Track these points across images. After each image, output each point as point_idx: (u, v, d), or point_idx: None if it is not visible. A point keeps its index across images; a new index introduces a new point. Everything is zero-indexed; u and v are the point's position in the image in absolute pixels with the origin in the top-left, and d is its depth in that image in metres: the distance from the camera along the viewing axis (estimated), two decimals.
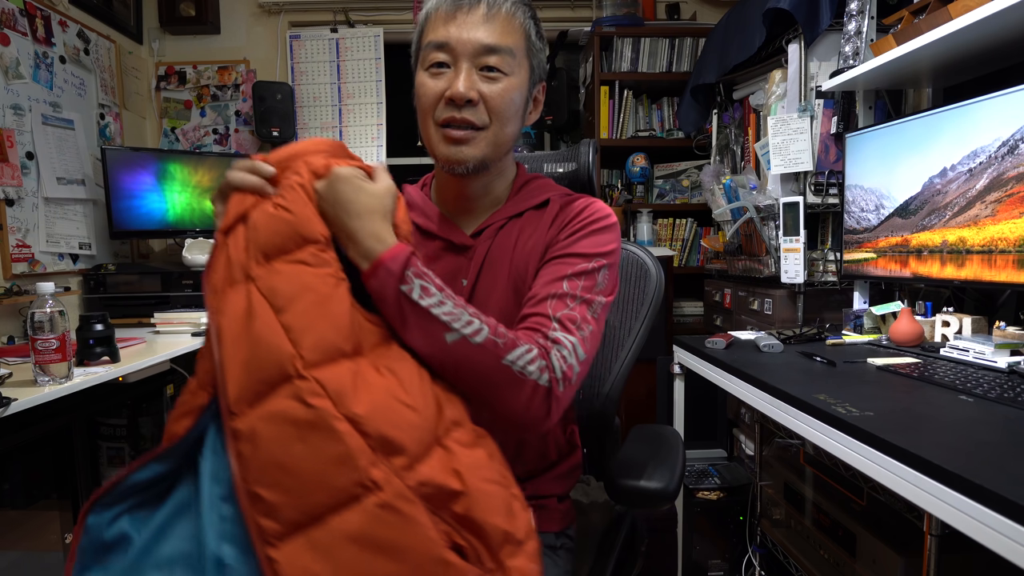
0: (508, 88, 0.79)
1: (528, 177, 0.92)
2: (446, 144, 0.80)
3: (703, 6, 2.93)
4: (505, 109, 0.80)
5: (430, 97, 0.79)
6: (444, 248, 0.88)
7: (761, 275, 1.95)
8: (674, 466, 0.90)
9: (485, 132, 0.80)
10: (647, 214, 2.72)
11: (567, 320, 0.75)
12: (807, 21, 1.68)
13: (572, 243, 0.81)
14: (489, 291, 0.84)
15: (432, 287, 0.68)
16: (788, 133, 1.74)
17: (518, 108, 0.82)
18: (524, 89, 0.82)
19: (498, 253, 0.85)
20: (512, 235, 0.86)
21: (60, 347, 1.36)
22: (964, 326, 1.32)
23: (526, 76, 0.83)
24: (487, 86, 0.78)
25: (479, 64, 0.78)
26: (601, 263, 0.80)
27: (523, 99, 0.83)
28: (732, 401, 2.08)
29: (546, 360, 0.70)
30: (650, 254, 1.15)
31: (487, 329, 0.68)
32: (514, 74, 0.80)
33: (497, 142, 0.81)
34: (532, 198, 0.88)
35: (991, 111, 1.21)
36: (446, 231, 0.88)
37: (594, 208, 0.85)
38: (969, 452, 0.75)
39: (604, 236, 0.82)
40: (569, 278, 0.78)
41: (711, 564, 1.83)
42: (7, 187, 1.98)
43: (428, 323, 0.67)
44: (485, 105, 0.78)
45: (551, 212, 0.86)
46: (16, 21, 2.03)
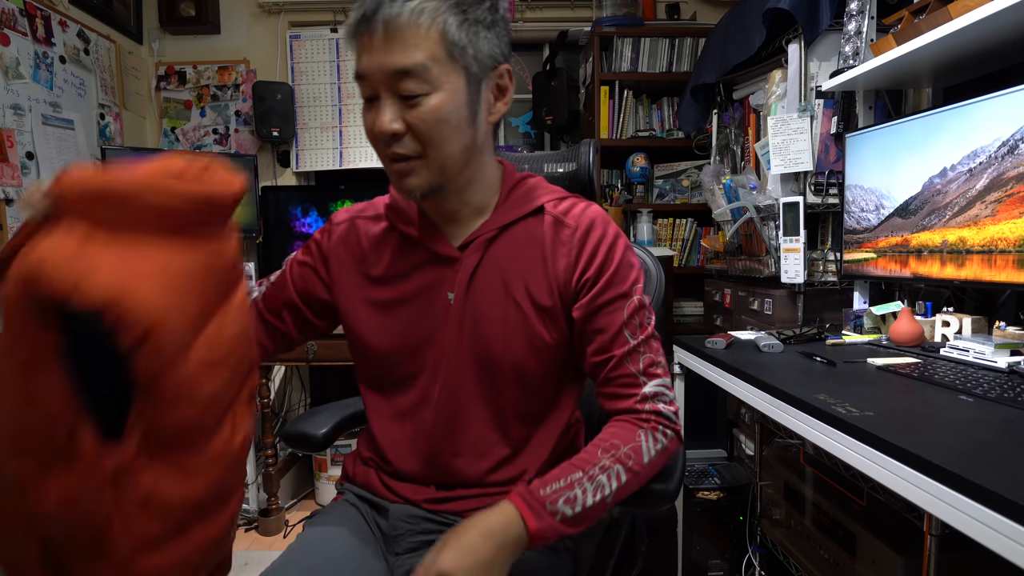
0: (435, 108, 0.72)
1: (516, 178, 0.87)
2: (393, 177, 0.77)
3: (703, 6, 2.93)
4: (435, 132, 0.73)
5: (369, 134, 0.76)
6: (429, 258, 0.84)
7: (761, 275, 1.95)
8: (674, 466, 0.90)
9: (423, 160, 0.75)
10: (647, 214, 2.72)
11: (648, 366, 0.80)
12: (807, 21, 1.68)
13: (609, 283, 0.80)
14: (481, 306, 0.81)
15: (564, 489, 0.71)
16: (788, 133, 1.74)
17: (458, 121, 0.74)
18: (461, 97, 0.74)
19: (490, 268, 0.82)
20: (505, 248, 0.82)
21: None
22: (964, 326, 1.32)
23: (460, 81, 0.73)
24: (410, 113, 0.72)
25: (398, 91, 0.71)
26: (639, 288, 0.82)
27: (463, 107, 0.74)
28: (732, 401, 2.08)
29: (657, 426, 0.79)
30: (650, 254, 1.15)
31: (619, 467, 0.74)
32: (441, 87, 0.72)
33: (441, 166, 0.75)
34: (523, 205, 0.84)
35: (991, 111, 1.21)
36: (431, 241, 0.84)
37: (600, 229, 0.82)
38: (969, 452, 0.75)
39: (626, 256, 0.82)
40: (628, 324, 0.80)
41: (711, 564, 1.82)
42: (7, 187, 1.98)
43: (595, 512, 0.73)
44: (413, 133, 0.73)
45: (547, 226, 0.82)
46: (16, 21, 2.03)
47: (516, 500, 0.70)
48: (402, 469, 0.87)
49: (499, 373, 0.82)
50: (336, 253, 0.90)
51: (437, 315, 0.82)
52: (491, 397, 0.83)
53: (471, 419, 0.83)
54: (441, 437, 0.84)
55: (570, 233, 0.81)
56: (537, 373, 0.82)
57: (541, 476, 0.74)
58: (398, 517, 0.85)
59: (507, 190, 0.85)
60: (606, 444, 0.76)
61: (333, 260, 0.90)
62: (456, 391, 0.83)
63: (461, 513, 0.83)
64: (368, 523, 0.89)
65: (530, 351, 0.81)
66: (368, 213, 0.91)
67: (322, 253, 0.92)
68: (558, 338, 0.82)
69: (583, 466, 0.74)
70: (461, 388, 0.83)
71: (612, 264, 0.80)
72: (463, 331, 0.82)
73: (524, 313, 0.80)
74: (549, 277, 0.80)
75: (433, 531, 0.83)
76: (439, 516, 0.85)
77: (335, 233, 0.91)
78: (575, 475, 0.73)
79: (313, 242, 0.93)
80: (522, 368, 0.81)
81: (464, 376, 0.82)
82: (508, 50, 0.79)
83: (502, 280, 0.81)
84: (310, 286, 0.91)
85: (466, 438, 0.83)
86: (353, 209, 0.94)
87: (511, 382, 0.82)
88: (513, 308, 0.80)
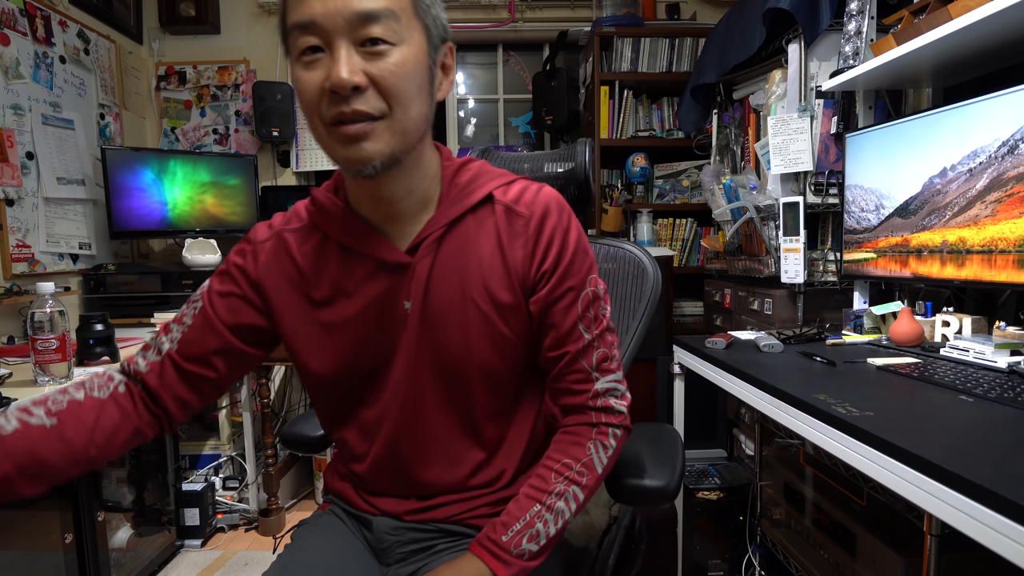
0: (402, 61, 0.64)
1: (456, 164, 0.79)
2: (343, 145, 0.66)
3: (703, 6, 2.93)
4: (403, 87, 0.65)
5: (310, 93, 0.65)
6: (375, 268, 0.75)
7: (761, 275, 1.95)
8: (675, 464, 0.90)
9: (385, 121, 0.66)
10: (647, 214, 2.72)
11: (602, 361, 0.78)
12: (807, 21, 1.68)
13: (565, 274, 0.75)
14: (441, 311, 0.74)
15: (525, 528, 0.71)
16: (788, 133, 1.74)
17: (420, 82, 0.67)
18: (423, 58, 0.67)
19: (445, 270, 0.74)
20: (457, 246, 0.75)
21: (60, 347, 1.36)
22: (964, 326, 1.32)
23: (422, 40, 0.67)
24: (374, 64, 0.64)
25: (358, 39, 0.63)
26: (593, 278, 0.78)
27: (425, 70, 0.68)
28: (732, 401, 2.08)
29: (607, 428, 0.78)
30: (647, 253, 1.15)
31: (574, 488, 0.74)
32: (405, 41, 0.65)
33: (404, 129, 0.67)
34: (469, 195, 0.76)
35: (991, 111, 1.21)
36: (374, 248, 0.74)
37: (555, 216, 0.75)
38: (969, 452, 0.75)
39: (580, 247, 0.76)
40: (582, 318, 0.76)
41: (711, 564, 1.83)
42: (7, 187, 1.98)
43: (557, 537, 0.73)
44: (377, 88, 0.64)
45: (499, 216, 0.75)
46: (16, 21, 2.03)
47: (482, 553, 0.70)
48: (378, 486, 0.84)
49: (465, 378, 0.77)
50: (268, 276, 0.79)
51: (395, 327, 0.75)
52: (459, 404, 0.78)
53: (440, 429, 0.79)
54: (411, 452, 0.79)
55: (524, 223, 0.74)
56: (504, 372, 0.78)
57: (503, 514, 0.74)
58: (382, 530, 0.83)
59: (449, 178, 0.77)
60: (558, 465, 0.75)
61: (267, 285, 0.79)
62: (422, 403, 0.78)
63: (445, 519, 0.81)
64: (355, 534, 0.87)
65: (495, 352, 0.76)
66: (294, 225, 0.80)
67: (249, 279, 0.79)
68: (522, 333, 0.77)
69: (539, 496, 0.73)
70: (426, 399, 0.78)
71: (567, 254, 0.75)
72: (423, 340, 0.75)
73: (485, 313, 0.74)
74: (508, 272, 0.74)
75: (421, 539, 0.82)
76: (424, 525, 0.82)
77: (262, 253, 0.79)
78: (533, 509, 0.72)
79: (234, 267, 0.80)
80: (488, 369, 0.76)
81: (428, 386, 0.77)
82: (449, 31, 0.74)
83: (459, 281, 0.74)
84: (243, 318, 0.79)
85: (438, 449, 0.79)
86: (275, 223, 0.82)
87: (479, 386, 0.77)
88: (473, 309, 0.74)
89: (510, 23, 2.98)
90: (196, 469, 2.45)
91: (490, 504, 0.81)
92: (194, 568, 2.05)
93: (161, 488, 2.06)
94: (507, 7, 2.97)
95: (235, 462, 2.52)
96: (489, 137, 3.31)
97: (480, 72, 3.27)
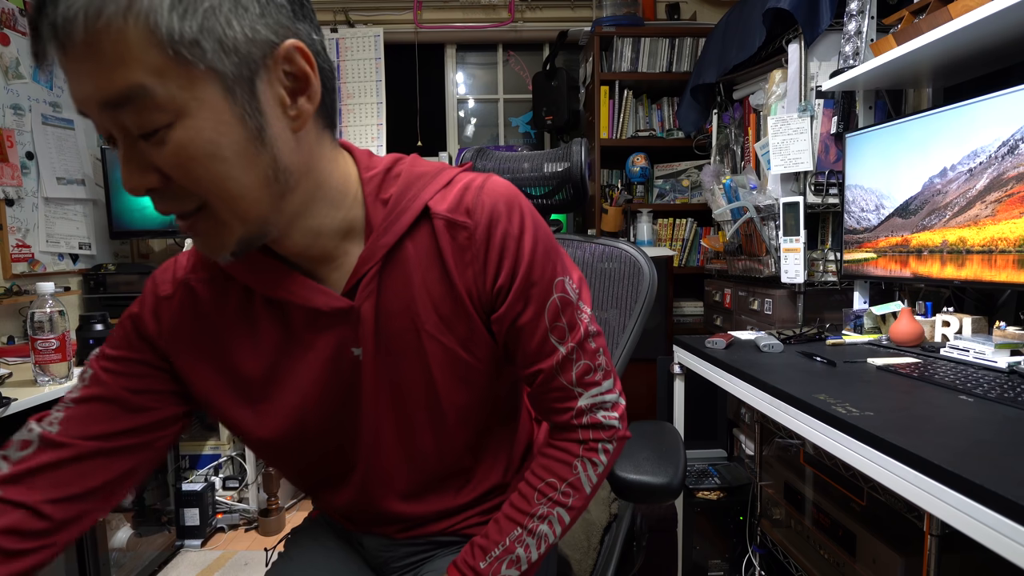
0: (186, 141, 0.49)
1: (379, 172, 0.64)
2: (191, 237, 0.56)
3: (703, 6, 2.93)
4: (202, 173, 0.50)
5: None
6: (311, 318, 0.63)
7: (761, 275, 1.95)
8: (677, 461, 0.90)
9: (205, 212, 0.53)
10: (647, 214, 2.72)
11: (583, 375, 0.68)
12: (807, 21, 1.68)
13: (525, 285, 0.63)
14: (398, 353, 0.65)
15: (504, 554, 0.67)
16: (788, 133, 1.74)
17: (231, 150, 0.50)
18: (222, 117, 0.50)
19: (392, 307, 0.63)
20: (400, 277, 0.63)
21: (60, 347, 1.36)
22: (964, 326, 1.32)
23: (214, 93, 0.49)
24: (158, 156, 0.49)
25: (124, 130, 0.49)
26: (560, 280, 0.66)
27: (235, 126, 0.50)
28: (732, 401, 2.08)
29: (596, 444, 0.70)
30: (643, 252, 1.15)
31: (559, 510, 0.69)
32: (185, 112, 0.48)
33: (235, 213, 0.53)
34: (402, 214, 0.62)
35: (991, 111, 1.21)
36: (306, 296, 0.62)
37: (503, 221, 0.62)
38: (969, 452, 0.75)
39: (539, 249, 0.64)
40: (553, 329, 0.65)
41: (711, 564, 1.83)
42: (7, 187, 1.98)
43: (540, 560, 0.69)
44: (174, 184, 0.51)
45: (441, 235, 0.63)
46: (16, 21, 2.03)
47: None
48: (361, 520, 0.79)
49: (434, 416, 0.68)
50: (178, 341, 0.65)
51: (347, 378, 0.65)
52: (431, 443, 0.70)
53: (415, 471, 0.72)
54: (387, 495, 0.73)
55: (468, 235, 0.62)
56: (474, 403, 0.70)
57: (482, 536, 0.69)
58: (374, 548, 0.80)
59: (373, 194, 0.63)
60: (542, 484, 0.69)
61: (174, 352, 0.65)
62: (390, 449, 0.70)
63: (436, 534, 0.78)
64: (347, 544, 0.84)
65: (461, 384, 0.67)
66: (202, 274, 0.66)
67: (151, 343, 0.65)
68: (487, 358, 0.68)
69: (521, 519, 0.68)
70: (394, 445, 0.70)
71: (523, 263, 0.63)
72: (381, 386, 0.66)
73: (444, 345, 0.65)
74: (460, 297, 0.64)
75: (415, 552, 0.79)
76: (416, 540, 0.79)
77: (165, 312, 0.65)
78: (514, 533, 0.67)
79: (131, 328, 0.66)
80: (456, 403, 0.68)
81: (393, 432, 0.69)
82: (293, 20, 0.53)
83: (410, 315, 0.64)
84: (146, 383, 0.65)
85: (414, 488, 0.73)
86: (178, 269, 0.67)
87: (450, 420, 0.69)
88: (431, 343, 0.65)
89: (510, 23, 2.98)
90: (196, 469, 2.45)
91: (483, 512, 0.78)
92: (194, 568, 2.05)
93: (161, 488, 2.06)
94: (507, 7, 2.97)
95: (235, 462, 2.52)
96: (489, 137, 3.31)
97: (480, 72, 3.27)
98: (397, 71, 2.98)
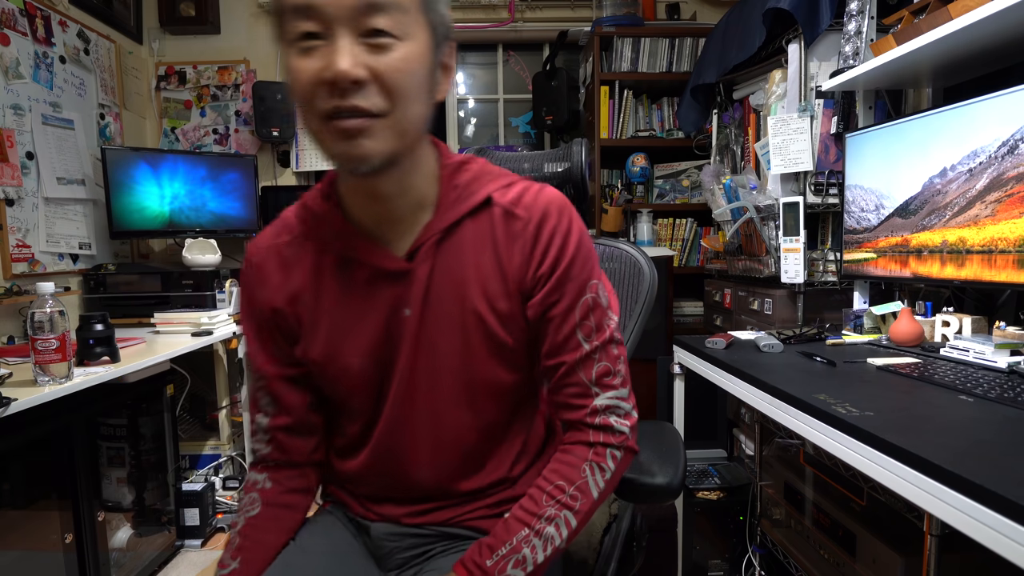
0: (406, 57, 0.61)
1: (455, 163, 0.75)
2: (338, 139, 0.62)
3: (703, 6, 2.93)
4: (406, 85, 0.61)
5: (304, 83, 0.60)
6: (374, 275, 0.73)
7: (761, 275, 1.95)
8: (677, 461, 0.90)
9: (385, 119, 0.62)
10: (647, 214, 2.72)
11: (603, 375, 0.73)
12: (807, 21, 1.68)
13: (563, 279, 0.71)
14: (443, 320, 0.72)
15: (511, 553, 0.68)
16: (788, 133, 1.74)
17: (423, 81, 0.64)
18: (427, 55, 0.64)
19: (445, 275, 0.72)
20: (456, 251, 0.72)
21: (60, 347, 1.36)
22: (964, 326, 1.32)
23: (427, 38, 0.63)
24: (377, 58, 0.60)
25: (361, 29, 0.59)
26: (595, 283, 0.73)
27: (428, 68, 0.64)
28: (732, 401, 2.08)
29: (605, 449, 0.73)
30: (643, 253, 1.15)
31: (566, 513, 0.70)
32: (411, 36, 0.61)
33: (404, 129, 0.64)
34: (467, 198, 0.73)
35: (991, 111, 1.21)
36: (372, 255, 0.72)
37: (554, 219, 0.72)
38: (969, 452, 0.75)
39: (582, 250, 0.73)
40: (581, 326, 0.72)
41: (711, 564, 1.83)
42: (7, 187, 1.98)
43: (547, 563, 0.70)
44: (378, 84, 0.60)
45: (497, 220, 0.72)
46: (16, 21, 2.03)
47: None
48: (371, 489, 0.83)
49: (464, 387, 0.75)
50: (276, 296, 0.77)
51: (394, 335, 0.74)
52: (455, 412, 0.76)
53: (432, 437, 0.77)
54: (401, 454, 0.78)
55: (522, 225, 0.71)
56: (506, 382, 0.76)
57: (491, 536, 0.71)
58: (380, 536, 0.82)
59: (447, 178, 0.74)
60: (550, 487, 0.71)
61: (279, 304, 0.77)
62: (416, 410, 0.76)
63: (445, 522, 0.80)
64: (354, 537, 0.86)
65: (496, 361, 0.74)
66: (285, 238, 0.78)
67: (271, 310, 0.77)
68: (523, 340, 0.75)
69: (528, 520, 0.70)
70: (421, 406, 0.76)
71: (566, 257, 0.71)
72: (421, 348, 0.73)
73: (484, 321, 0.72)
74: (506, 278, 0.72)
75: (419, 544, 0.81)
76: (422, 529, 0.81)
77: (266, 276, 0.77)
78: (521, 533, 0.69)
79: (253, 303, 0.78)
80: (488, 378, 0.75)
81: (423, 394, 0.75)
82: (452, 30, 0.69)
83: (458, 287, 0.72)
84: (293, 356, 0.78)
85: (427, 455, 0.77)
86: (265, 239, 0.79)
87: (479, 395, 0.75)
88: (472, 317, 0.72)
89: (510, 23, 2.98)
90: (196, 469, 2.45)
91: (489, 507, 0.80)
92: (194, 568, 2.05)
93: (161, 488, 2.07)
94: (507, 7, 2.97)
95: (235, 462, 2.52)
96: (489, 137, 3.31)
97: (480, 72, 3.27)
98: None
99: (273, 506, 0.80)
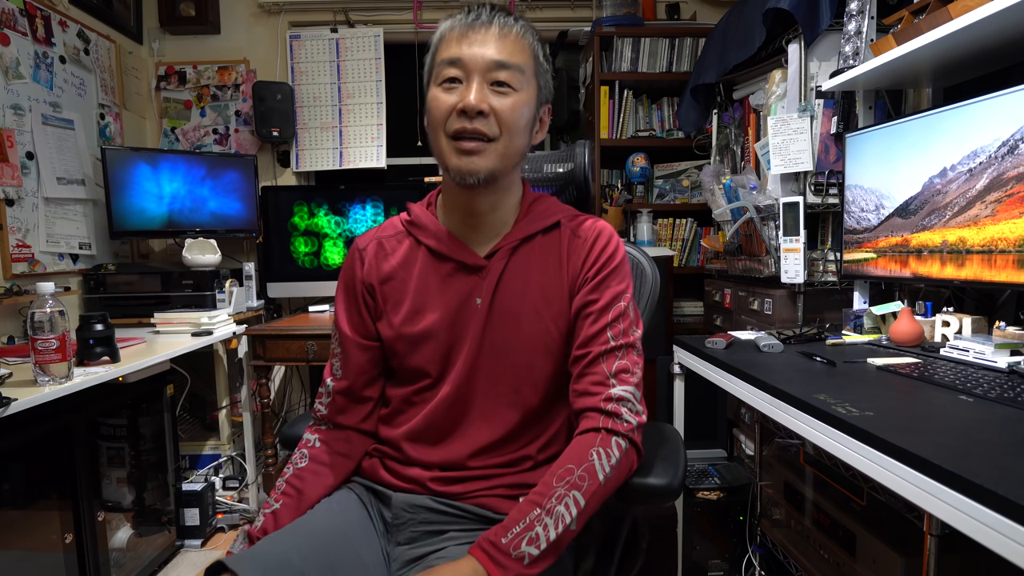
0: (517, 102, 0.84)
1: (533, 197, 0.96)
2: (457, 155, 0.83)
3: (703, 6, 2.93)
4: (514, 121, 0.84)
5: (442, 110, 0.83)
6: (457, 269, 0.91)
7: (761, 275, 1.95)
8: (677, 462, 0.91)
9: (495, 144, 0.83)
10: (647, 214, 2.72)
11: (621, 371, 0.85)
12: (807, 21, 1.68)
13: (602, 286, 0.88)
14: (506, 312, 0.89)
15: (524, 531, 0.73)
16: (788, 133, 1.74)
17: (526, 122, 0.86)
18: (532, 105, 0.86)
19: (514, 275, 0.90)
20: (526, 257, 0.91)
21: (60, 347, 1.36)
22: (964, 326, 1.32)
23: (534, 94, 0.87)
24: (497, 99, 0.83)
25: (490, 79, 0.83)
26: (628, 298, 0.89)
27: (531, 115, 0.87)
28: (732, 401, 2.08)
29: (611, 436, 0.81)
30: (646, 254, 1.15)
31: (575, 492, 0.76)
32: (523, 90, 0.84)
33: (506, 154, 0.85)
34: (541, 220, 0.92)
35: (991, 111, 1.21)
36: (458, 252, 0.91)
37: (606, 237, 0.91)
38: (969, 452, 0.75)
39: (623, 268, 0.91)
40: (612, 326, 0.86)
41: (711, 564, 1.83)
42: (7, 187, 1.98)
43: (560, 542, 0.75)
44: (495, 117, 0.82)
45: (564, 236, 0.92)
46: (16, 21, 2.03)
47: (479, 554, 0.73)
48: (409, 452, 0.92)
49: (514, 369, 0.89)
50: (371, 274, 0.95)
51: (466, 319, 0.90)
52: (502, 388, 0.90)
53: (481, 406, 0.90)
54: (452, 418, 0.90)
55: (583, 241, 0.91)
56: (549, 372, 0.90)
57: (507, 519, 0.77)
58: (400, 506, 0.90)
59: (527, 206, 0.94)
60: (560, 471, 0.79)
61: (372, 281, 0.95)
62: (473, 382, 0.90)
63: (463, 495, 0.88)
64: (370, 513, 0.92)
65: (541, 351, 0.89)
66: (388, 232, 0.98)
67: (362, 283, 0.95)
68: (566, 332, 0.90)
69: (540, 500, 0.77)
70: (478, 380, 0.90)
71: (610, 267, 0.89)
72: (486, 333, 0.89)
73: (540, 316, 0.89)
74: (565, 279, 0.89)
75: (434, 521, 0.88)
76: (441, 502, 0.89)
77: (366, 257, 0.96)
78: (533, 513, 0.75)
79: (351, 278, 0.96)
80: (537, 367, 0.89)
81: (481, 371, 0.90)
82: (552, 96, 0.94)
83: (524, 286, 0.90)
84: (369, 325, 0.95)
85: (476, 428, 0.90)
86: (371, 232, 1.00)
87: (526, 379, 0.90)
88: (530, 312, 0.89)
89: None
90: (196, 469, 2.45)
91: (509, 486, 0.88)
92: (194, 568, 2.05)
93: (161, 488, 2.07)
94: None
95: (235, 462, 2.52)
96: None
97: None
98: (397, 71, 2.98)
99: (317, 463, 0.94)
